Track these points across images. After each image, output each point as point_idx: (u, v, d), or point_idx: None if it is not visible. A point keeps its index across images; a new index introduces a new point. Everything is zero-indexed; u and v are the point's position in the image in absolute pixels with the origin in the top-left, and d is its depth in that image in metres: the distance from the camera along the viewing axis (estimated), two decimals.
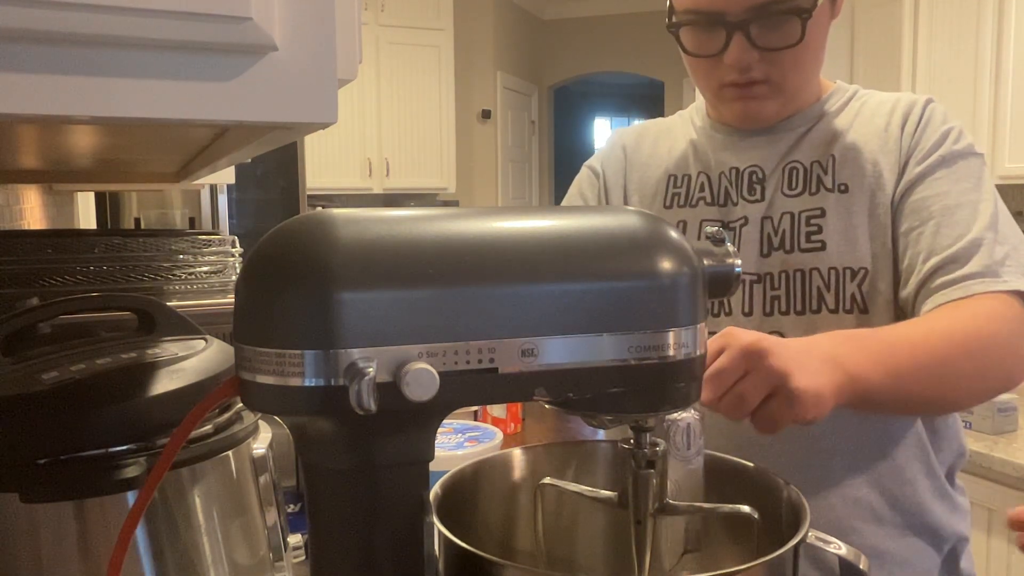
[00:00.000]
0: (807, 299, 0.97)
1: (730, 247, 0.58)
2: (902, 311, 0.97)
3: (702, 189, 1.06)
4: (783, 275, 0.98)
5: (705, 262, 0.56)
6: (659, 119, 1.23)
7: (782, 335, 0.94)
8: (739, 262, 0.58)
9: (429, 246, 0.49)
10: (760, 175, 1.03)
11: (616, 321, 0.51)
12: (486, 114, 6.46)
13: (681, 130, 1.15)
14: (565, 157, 8.79)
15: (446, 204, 5.67)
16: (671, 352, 0.53)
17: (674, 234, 0.55)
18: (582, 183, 1.22)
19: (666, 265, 0.52)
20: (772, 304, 0.98)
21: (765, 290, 0.99)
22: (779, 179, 1.02)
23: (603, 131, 10.91)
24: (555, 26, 7.55)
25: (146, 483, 0.52)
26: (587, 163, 1.23)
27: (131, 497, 0.60)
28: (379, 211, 0.51)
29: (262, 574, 0.71)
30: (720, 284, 0.57)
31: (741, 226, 1.02)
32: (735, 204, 1.03)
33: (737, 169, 1.05)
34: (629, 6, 7.25)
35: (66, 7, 0.38)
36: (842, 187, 0.99)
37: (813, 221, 0.98)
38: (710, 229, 0.59)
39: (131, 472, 0.59)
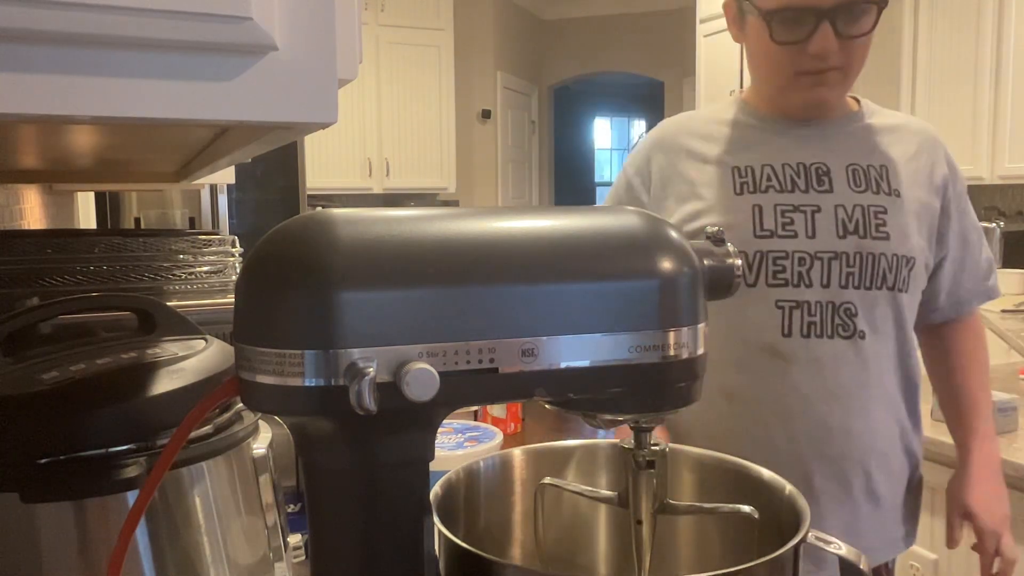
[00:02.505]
0: (874, 278, 1.16)
1: (730, 247, 0.58)
2: (930, 292, 1.25)
3: (769, 179, 1.19)
4: (857, 256, 1.15)
5: (705, 262, 0.56)
6: (688, 113, 1.36)
7: (852, 305, 1.15)
8: (739, 262, 0.58)
9: (429, 246, 0.49)
10: (825, 169, 1.19)
11: (616, 321, 0.51)
12: (486, 114, 6.46)
13: (729, 126, 1.26)
14: (565, 157, 8.80)
15: (446, 204, 5.67)
16: (671, 352, 0.53)
17: (674, 234, 0.55)
18: (619, 190, 1.35)
19: (666, 265, 0.52)
20: (847, 279, 1.15)
21: (841, 266, 1.15)
22: (845, 176, 1.19)
23: (603, 131, 10.91)
24: (555, 26, 7.55)
25: (146, 483, 0.52)
26: (624, 168, 1.36)
27: (131, 497, 0.60)
28: (379, 211, 0.51)
29: (262, 574, 0.71)
30: (720, 284, 0.57)
31: (813, 212, 1.17)
32: (804, 192, 1.18)
33: (803, 163, 1.19)
34: (629, 6, 7.26)
35: (66, 7, 0.38)
36: (896, 192, 1.19)
37: (879, 215, 1.17)
38: (710, 229, 0.60)
39: (131, 472, 0.59)
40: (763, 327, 1.16)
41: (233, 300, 0.50)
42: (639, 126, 10.64)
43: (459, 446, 1.59)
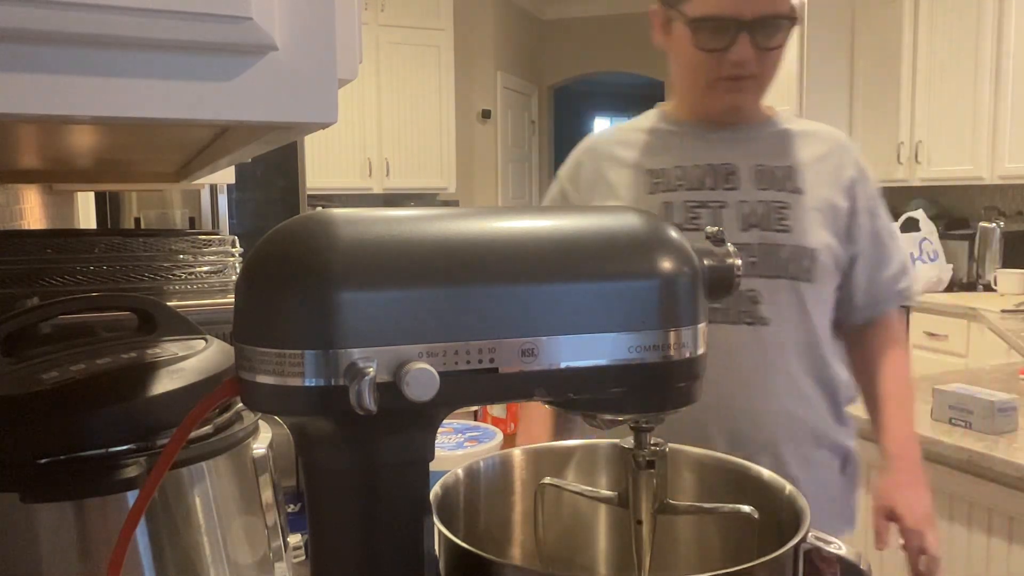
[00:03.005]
0: (776, 267, 1.26)
1: (730, 247, 0.58)
2: (846, 292, 1.33)
3: (680, 179, 1.31)
4: (760, 247, 1.26)
5: (705, 262, 0.56)
6: (615, 125, 1.50)
7: (756, 292, 1.24)
8: (739, 262, 0.58)
9: (429, 246, 0.49)
10: (732, 169, 1.30)
11: (616, 321, 0.51)
12: (486, 114, 6.45)
13: (647, 133, 1.37)
14: (565, 157, 8.77)
15: (446, 204, 5.67)
16: (671, 352, 0.53)
17: (674, 234, 0.55)
18: (554, 198, 1.45)
19: (666, 265, 0.52)
20: (750, 267, 1.25)
21: (744, 257, 1.14)
22: (751, 175, 1.29)
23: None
24: (555, 26, 7.55)
25: (146, 483, 0.52)
26: (558, 176, 1.47)
27: (131, 497, 0.60)
28: (379, 211, 0.51)
29: (262, 574, 0.71)
30: (720, 284, 0.57)
31: (719, 207, 1.28)
32: (712, 190, 1.29)
33: (712, 164, 1.30)
34: (629, 6, 7.25)
35: (66, 7, 0.38)
36: (798, 190, 1.29)
37: (781, 210, 1.27)
38: (710, 229, 0.60)
39: (131, 472, 0.59)
40: None
41: (233, 300, 0.50)
42: None
43: (459, 446, 1.59)
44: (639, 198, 1.30)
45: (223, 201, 3.74)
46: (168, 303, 0.78)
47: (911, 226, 4.15)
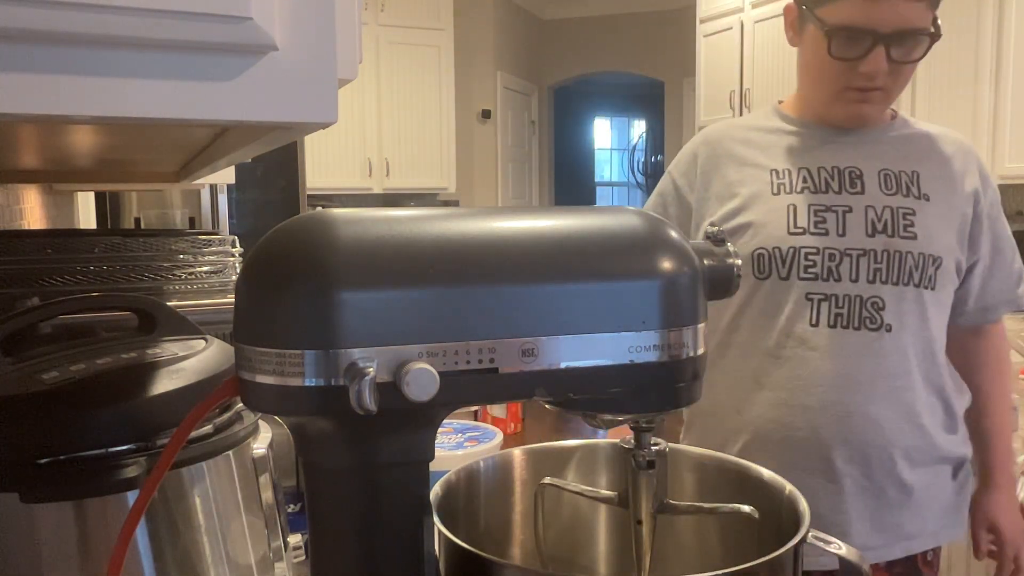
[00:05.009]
0: (901, 274, 1.23)
1: (730, 247, 0.58)
2: (959, 295, 1.31)
3: (804, 181, 1.27)
4: (885, 253, 1.23)
5: (705, 262, 0.56)
6: (731, 121, 1.46)
7: (879, 299, 1.22)
8: (739, 262, 0.58)
9: (429, 246, 0.49)
10: (858, 173, 1.27)
11: (616, 321, 0.51)
12: (486, 114, 6.46)
13: (769, 133, 1.34)
14: (565, 157, 8.79)
15: (446, 204, 5.67)
16: (671, 352, 0.53)
17: (674, 234, 0.55)
18: (665, 194, 1.42)
19: (666, 265, 0.52)
20: (875, 274, 1.22)
21: (870, 263, 1.23)
22: (876, 180, 1.26)
23: (603, 131, 10.91)
24: (555, 26, 7.55)
25: (146, 483, 0.52)
26: (669, 171, 1.43)
27: (131, 497, 0.60)
28: (379, 211, 0.51)
29: (262, 574, 0.71)
30: (720, 284, 0.57)
31: (845, 212, 1.24)
32: (837, 193, 1.26)
33: (838, 167, 1.27)
34: (629, 6, 7.25)
35: (66, 7, 0.38)
36: (925, 196, 1.26)
37: (907, 216, 1.24)
38: (711, 229, 0.60)
39: (131, 472, 0.59)
40: (794, 317, 1.23)
41: (233, 300, 0.50)
42: (639, 126, 10.64)
43: (459, 446, 1.59)
44: (761, 198, 1.27)
45: (223, 201, 3.74)
46: (168, 303, 0.78)
47: None
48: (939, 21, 1.21)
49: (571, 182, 9.00)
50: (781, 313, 1.24)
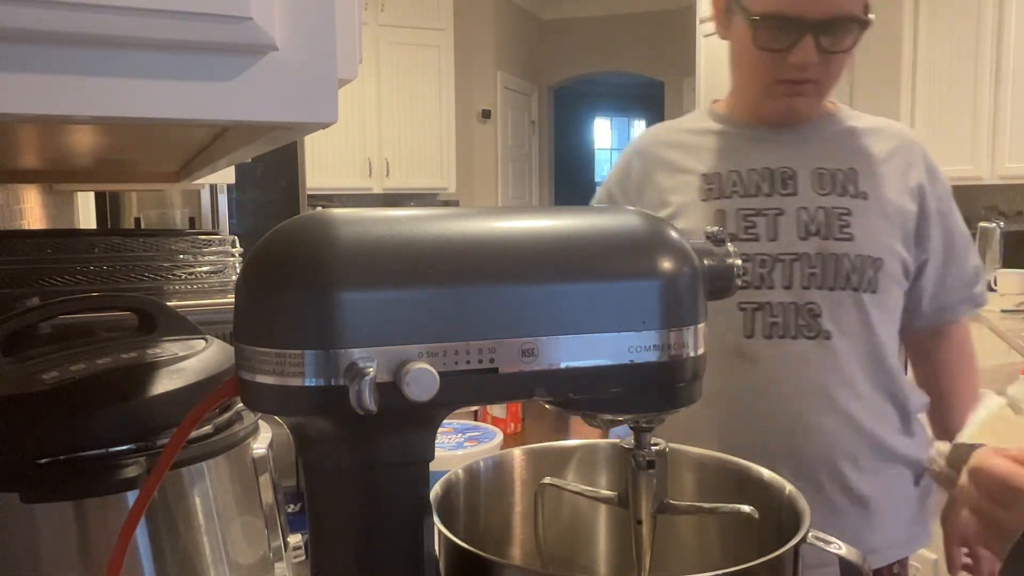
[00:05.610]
0: (837, 278, 1.17)
1: (730, 247, 0.58)
2: (912, 296, 1.25)
3: (734, 185, 1.22)
4: (819, 256, 1.17)
5: (705, 262, 0.56)
6: (664, 124, 1.38)
7: (815, 305, 1.16)
8: (739, 262, 0.58)
9: (429, 246, 0.49)
10: (791, 173, 1.21)
11: (616, 321, 0.51)
12: (486, 114, 6.46)
13: (701, 135, 1.28)
14: (565, 157, 8.79)
15: (446, 204, 5.67)
16: (671, 352, 0.53)
17: (674, 234, 0.55)
18: (602, 202, 1.38)
19: (666, 265, 0.52)
20: (809, 280, 1.17)
21: (803, 268, 1.18)
22: (810, 180, 1.20)
23: (603, 131, 10.91)
24: (555, 26, 7.55)
25: (146, 483, 0.52)
26: (607, 180, 1.39)
27: (131, 497, 0.60)
28: (379, 211, 0.51)
29: (262, 574, 0.71)
30: (720, 284, 0.57)
31: (776, 215, 1.19)
32: (768, 196, 1.20)
33: (769, 168, 1.21)
34: (629, 6, 7.26)
35: (66, 7, 0.38)
36: (863, 194, 1.19)
37: (843, 217, 1.18)
38: (710, 229, 0.60)
39: (131, 472, 0.59)
40: (727, 329, 1.18)
41: (233, 300, 0.50)
42: (639, 126, 10.65)
43: (459, 446, 1.59)
44: (690, 205, 1.22)
45: (223, 201, 3.74)
46: (168, 303, 0.78)
47: None
48: (870, 9, 1.14)
49: (571, 182, 9.00)
50: (714, 325, 1.17)
